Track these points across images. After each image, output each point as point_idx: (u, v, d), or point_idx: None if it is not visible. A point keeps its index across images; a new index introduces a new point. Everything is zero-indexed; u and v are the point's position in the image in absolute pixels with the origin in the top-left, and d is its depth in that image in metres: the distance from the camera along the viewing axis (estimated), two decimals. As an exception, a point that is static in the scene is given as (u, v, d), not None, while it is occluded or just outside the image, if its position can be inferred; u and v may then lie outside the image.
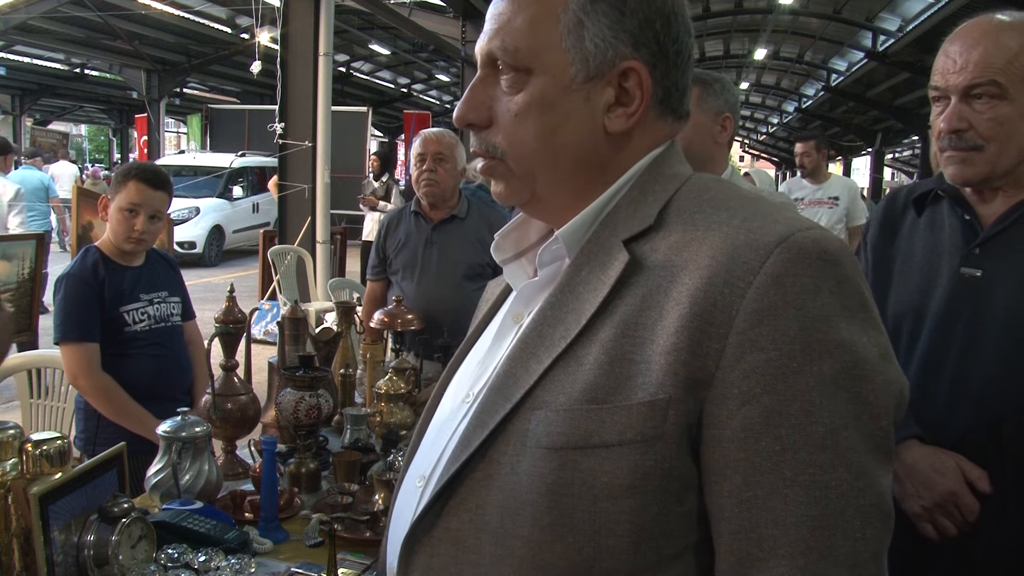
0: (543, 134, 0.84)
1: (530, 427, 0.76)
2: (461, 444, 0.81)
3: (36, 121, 28.57)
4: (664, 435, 0.72)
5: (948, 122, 1.42)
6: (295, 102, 7.42)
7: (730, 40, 18.76)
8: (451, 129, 2.99)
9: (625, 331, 0.75)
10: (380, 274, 3.31)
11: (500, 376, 0.81)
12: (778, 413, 0.70)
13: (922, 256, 1.55)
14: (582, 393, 0.75)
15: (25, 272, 3.51)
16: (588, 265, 0.82)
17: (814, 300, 0.71)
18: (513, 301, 0.90)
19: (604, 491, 0.72)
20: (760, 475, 0.70)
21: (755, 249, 0.72)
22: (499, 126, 0.86)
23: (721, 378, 0.71)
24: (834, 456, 0.70)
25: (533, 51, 0.83)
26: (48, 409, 3.10)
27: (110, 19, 14.42)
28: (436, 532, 0.81)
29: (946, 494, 1.40)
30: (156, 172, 2.60)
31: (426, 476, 0.86)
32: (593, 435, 0.73)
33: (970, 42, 1.40)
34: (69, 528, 1.43)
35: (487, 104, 0.86)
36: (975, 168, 1.42)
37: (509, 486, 0.76)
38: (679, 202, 0.82)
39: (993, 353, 1.41)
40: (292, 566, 1.56)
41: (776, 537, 0.70)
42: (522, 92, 0.84)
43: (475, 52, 0.89)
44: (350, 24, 15.74)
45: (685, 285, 0.73)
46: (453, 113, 0.90)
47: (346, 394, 2.47)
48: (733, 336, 0.71)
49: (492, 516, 0.77)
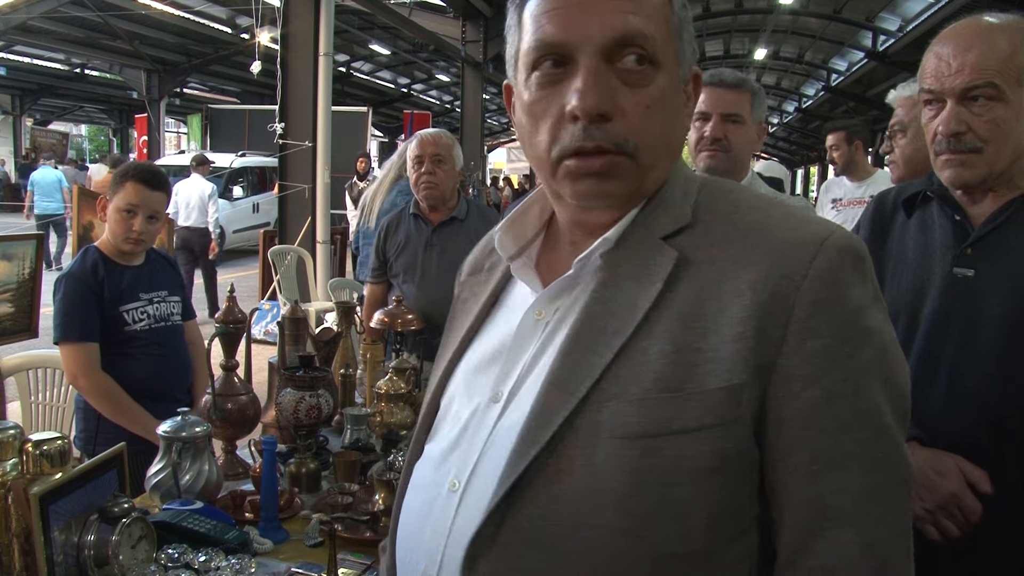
0: (667, 129, 0.84)
1: (602, 419, 0.77)
2: (524, 442, 0.80)
3: (36, 121, 28.58)
4: (739, 418, 0.76)
5: (947, 125, 1.41)
6: (295, 102, 7.42)
7: (730, 40, 18.77)
8: (449, 129, 2.99)
9: (685, 322, 0.78)
10: (380, 277, 3.30)
11: (556, 371, 0.81)
12: (835, 394, 0.76)
13: (914, 257, 1.55)
14: (654, 383, 0.77)
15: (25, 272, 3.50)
16: (628, 262, 0.83)
17: (853, 292, 0.78)
18: (537, 299, 0.89)
19: (686, 475, 0.75)
20: (823, 451, 0.76)
21: (803, 246, 0.78)
22: (629, 118, 0.81)
23: (783, 363, 0.76)
24: (878, 432, 0.77)
25: (662, 43, 0.82)
26: (48, 409, 3.10)
27: (110, 19, 14.43)
28: (504, 534, 0.79)
29: (948, 496, 1.39)
30: (154, 172, 2.59)
31: (461, 481, 0.85)
32: (673, 421, 0.76)
33: (963, 44, 1.40)
34: (69, 528, 1.43)
35: (610, 94, 0.80)
36: (974, 170, 1.42)
37: (585, 479, 0.77)
38: (707, 201, 0.86)
39: (989, 353, 1.40)
40: (292, 566, 1.57)
41: (840, 507, 0.76)
42: (652, 85, 0.82)
43: (575, 36, 0.79)
44: (350, 24, 15.74)
45: (742, 279, 0.78)
46: (577, 104, 0.79)
47: (346, 394, 2.47)
48: (793, 324, 0.76)
49: (568, 510, 0.77)
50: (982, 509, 1.38)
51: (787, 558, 0.78)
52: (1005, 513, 1.38)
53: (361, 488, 1.86)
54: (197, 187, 8.70)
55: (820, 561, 0.76)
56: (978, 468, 1.39)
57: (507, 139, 38.82)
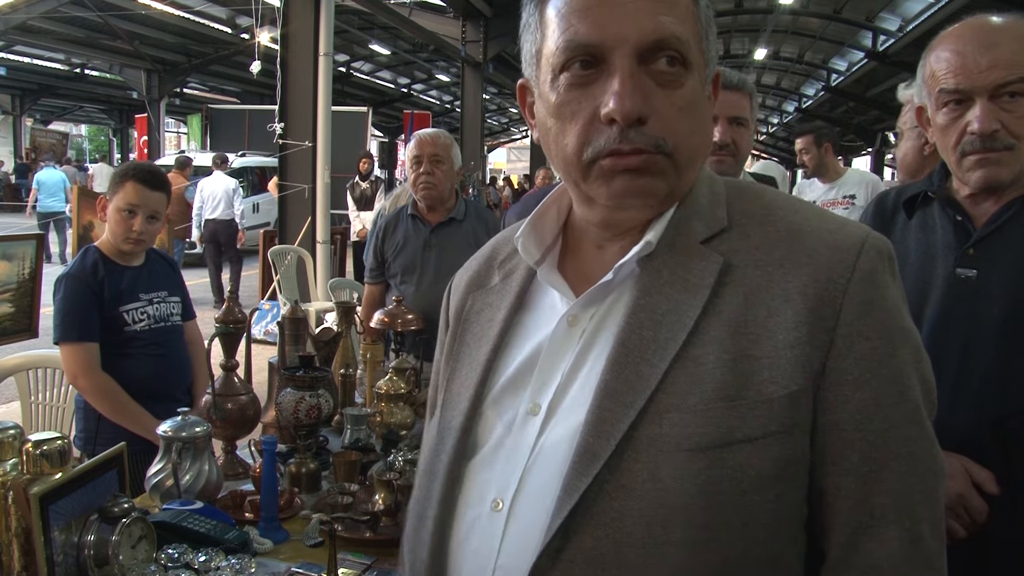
0: (699, 130, 0.84)
1: (663, 431, 0.76)
2: (583, 458, 0.76)
3: (36, 121, 28.58)
4: (799, 424, 0.77)
5: (983, 123, 1.37)
6: (295, 102, 7.42)
7: (730, 40, 18.76)
8: (449, 129, 2.99)
9: (737, 329, 0.77)
10: (378, 277, 3.29)
11: (607, 383, 0.78)
12: (884, 394, 0.78)
13: (915, 258, 1.54)
14: (714, 392, 0.76)
15: (25, 272, 3.50)
16: (668, 267, 0.82)
17: (890, 292, 0.80)
18: (572, 305, 0.86)
19: (753, 484, 0.75)
20: (874, 451, 0.77)
21: (845, 249, 0.79)
22: (664, 120, 0.79)
23: (833, 367, 0.77)
24: (920, 429, 0.79)
25: (693, 45, 0.81)
26: (48, 409, 3.10)
27: (110, 19, 14.43)
28: (567, 554, 0.76)
29: (954, 497, 1.39)
30: (153, 172, 2.59)
31: (506, 500, 0.81)
32: (736, 431, 0.75)
33: (988, 41, 1.37)
34: (69, 528, 1.43)
35: (645, 97, 0.79)
36: (1009, 168, 1.39)
37: (652, 493, 0.75)
38: (738, 203, 0.86)
39: (992, 354, 1.40)
40: (292, 566, 1.57)
41: (887, 506, 0.77)
42: (685, 87, 0.81)
43: (609, 36, 0.78)
44: (350, 24, 15.74)
45: (790, 283, 0.78)
46: (614, 107, 0.77)
47: (346, 394, 2.47)
48: (842, 327, 0.77)
49: (635, 527, 0.75)
50: (988, 510, 1.38)
51: (836, 558, 0.79)
52: (1011, 514, 1.38)
53: (361, 488, 1.86)
54: (221, 183, 9.60)
55: (869, 561, 0.77)
56: (984, 469, 1.39)
57: (507, 139, 38.80)
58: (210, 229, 9.40)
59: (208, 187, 9.54)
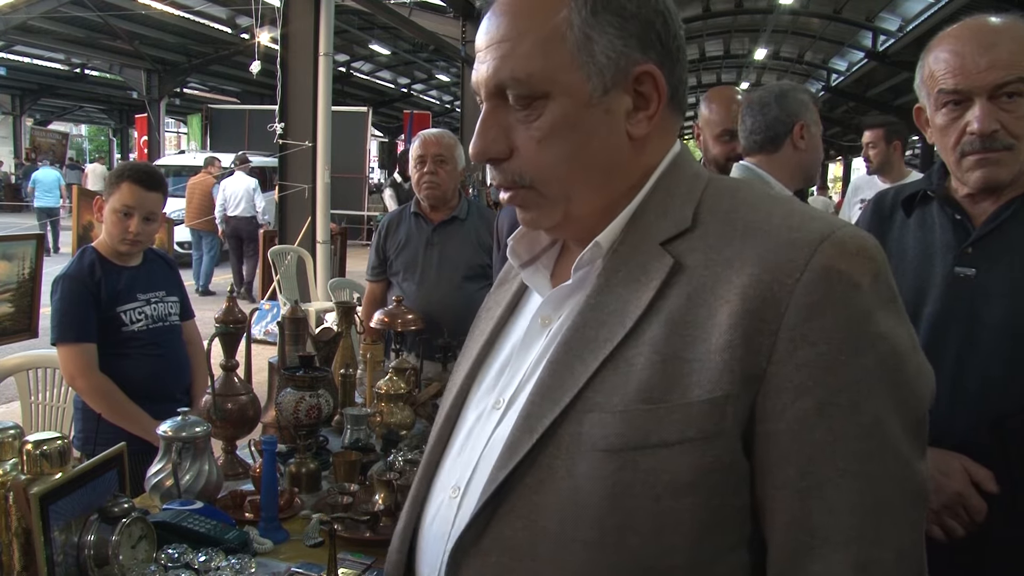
0: (571, 154, 0.83)
1: (583, 430, 0.76)
2: (507, 451, 0.79)
3: (36, 121, 28.57)
4: (724, 431, 0.73)
5: (983, 123, 1.37)
6: (295, 102, 7.42)
7: (730, 40, 18.77)
8: (450, 129, 2.99)
9: (674, 330, 0.75)
10: (380, 275, 3.30)
11: (543, 380, 0.80)
12: (830, 404, 0.72)
13: (914, 257, 1.54)
14: (637, 393, 0.75)
15: (25, 272, 3.51)
16: (625, 267, 0.82)
17: (856, 294, 0.73)
18: (541, 305, 0.89)
19: (666, 489, 0.73)
20: (814, 466, 0.72)
21: (799, 246, 0.74)
22: (522, 155, 0.84)
23: (774, 372, 0.73)
24: (880, 444, 0.72)
25: (547, 75, 0.81)
26: (48, 409, 3.10)
27: (110, 19, 14.43)
28: (486, 542, 0.79)
29: (953, 496, 1.39)
30: (150, 173, 2.58)
31: (461, 487, 0.85)
32: (652, 434, 0.74)
33: (986, 42, 1.37)
34: (69, 528, 1.43)
35: (503, 135, 0.84)
36: (1009, 168, 1.40)
37: (566, 491, 0.76)
38: (709, 202, 0.83)
39: (991, 352, 1.40)
40: (292, 566, 1.56)
41: (830, 525, 0.72)
42: (542, 117, 0.82)
43: (476, 83, 0.86)
44: (350, 24, 15.75)
45: (733, 283, 0.74)
46: (471, 148, 0.87)
47: (346, 394, 2.47)
48: (784, 331, 0.72)
49: (549, 522, 0.76)
50: (987, 508, 1.38)
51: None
52: (1010, 512, 1.38)
53: (361, 488, 1.86)
54: (242, 182, 10.31)
55: None
56: (983, 468, 1.39)
57: (507, 139, 38.57)
58: (232, 226, 10.23)
59: (230, 186, 10.29)
